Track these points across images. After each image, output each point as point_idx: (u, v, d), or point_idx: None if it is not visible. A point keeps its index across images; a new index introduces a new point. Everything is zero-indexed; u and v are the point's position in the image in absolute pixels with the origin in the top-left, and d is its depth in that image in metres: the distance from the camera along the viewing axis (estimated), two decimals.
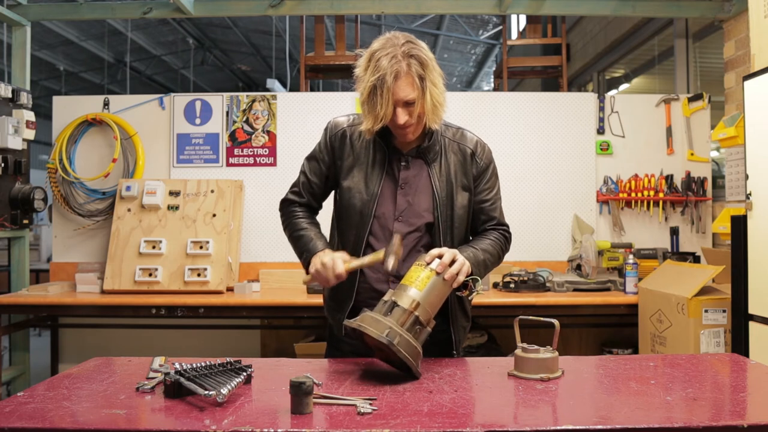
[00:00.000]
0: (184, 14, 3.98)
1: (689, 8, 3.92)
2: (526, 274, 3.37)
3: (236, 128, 3.94)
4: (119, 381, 1.42)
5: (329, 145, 1.77)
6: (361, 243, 1.70)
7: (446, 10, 4.35)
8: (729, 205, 3.26)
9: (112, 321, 3.81)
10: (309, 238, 1.72)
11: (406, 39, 1.59)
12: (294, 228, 1.78)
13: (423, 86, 1.57)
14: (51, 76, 10.84)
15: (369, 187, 1.70)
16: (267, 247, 3.88)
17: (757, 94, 2.38)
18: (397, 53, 1.55)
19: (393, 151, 1.72)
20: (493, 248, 1.72)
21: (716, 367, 1.62)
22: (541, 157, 3.89)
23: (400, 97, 1.56)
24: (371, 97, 1.57)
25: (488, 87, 12.41)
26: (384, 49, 1.56)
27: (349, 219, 1.73)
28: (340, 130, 1.77)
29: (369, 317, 1.41)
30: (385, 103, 1.55)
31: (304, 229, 1.75)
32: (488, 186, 1.78)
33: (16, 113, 3.65)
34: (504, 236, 1.79)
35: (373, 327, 1.37)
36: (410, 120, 1.60)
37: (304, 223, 1.77)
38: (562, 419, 1.16)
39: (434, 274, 1.48)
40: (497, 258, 1.73)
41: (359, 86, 1.60)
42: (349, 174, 1.73)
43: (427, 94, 1.57)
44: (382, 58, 1.54)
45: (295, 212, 1.81)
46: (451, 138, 1.76)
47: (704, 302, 2.61)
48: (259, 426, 1.10)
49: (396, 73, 1.54)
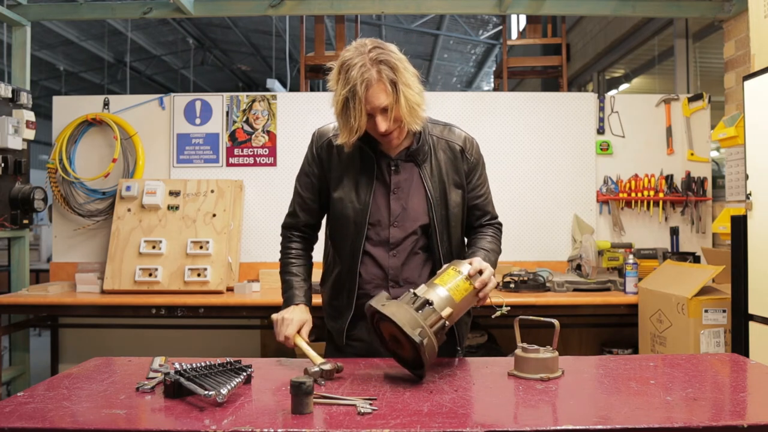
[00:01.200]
0: (184, 14, 3.98)
1: (689, 8, 3.92)
2: (526, 274, 3.36)
3: (236, 128, 3.94)
4: (119, 381, 1.42)
5: (316, 157, 1.75)
6: (357, 253, 1.68)
7: (446, 10, 4.35)
8: (729, 205, 3.25)
9: (112, 321, 3.81)
10: (290, 285, 1.75)
11: (373, 45, 1.55)
12: (283, 269, 1.80)
13: (396, 90, 1.53)
14: (51, 76, 10.84)
15: (360, 196, 1.68)
16: (267, 247, 3.88)
17: (757, 94, 2.38)
18: (365, 61, 1.51)
19: (381, 156, 1.69)
20: (497, 246, 1.77)
21: (716, 367, 1.62)
22: (541, 157, 3.89)
23: (375, 106, 1.53)
24: (344, 110, 1.54)
25: (488, 87, 12.41)
26: (352, 59, 1.52)
27: (344, 230, 1.71)
28: (325, 141, 1.74)
29: (398, 307, 1.38)
30: (358, 114, 1.52)
31: (291, 273, 1.77)
32: (480, 182, 1.78)
33: (16, 113, 3.65)
34: (499, 231, 1.84)
35: (405, 320, 1.34)
36: (390, 126, 1.57)
37: (293, 267, 1.79)
38: (562, 419, 1.16)
39: (472, 288, 1.47)
40: (499, 254, 1.79)
41: (333, 100, 1.57)
42: (339, 184, 1.70)
43: (401, 98, 1.53)
44: (351, 68, 1.51)
45: (289, 249, 1.81)
46: (439, 135, 1.74)
47: (704, 302, 2.61)
48: (259, 426, 1.10)
49: (367, 82, 1.50)
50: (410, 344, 1.35)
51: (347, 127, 1.55)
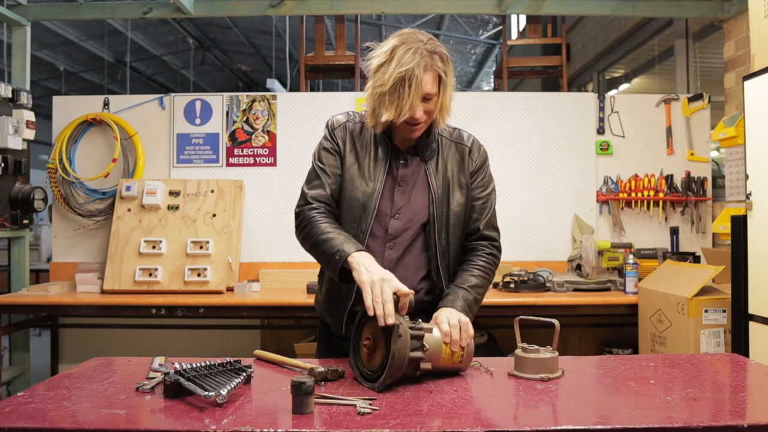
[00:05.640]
0: (184, 14, 3.98)
1: (689, 8, 3.92)
2: (526, 274, 3.36)
3: (236, 128, 3.94)
4: (119, 381, 1.42)
5: (334, 137, 1.75)
6: (363, 237, 1.68)
7: (446, 10, 4.35)
8: (729, 205, 3.25)
9: (112, 321, 3.81)
10: (336, 239, 1.57)
11: (427, 36, 1.61)
12: (318, 233, 1.61)
13: (441, 83, 1.59)
14: (51, 76, 10.84)
15: (372, 181, 1.69)
16: (267, 247, 3.89)
17: (757, 94, 2.38)
18: (423, 48, 1.56)
19: (392, 148, 1.72)
20: (485, 280, 1.70)
21: (716, 367, 1.62)
22: (541, 157, 3.89)
23: (425, 91, 1.56)
24: (395, 89, 1.54)
25: (488, 87, 12.41)
26: (408, 43, 1.56)
27: (351, 211, 1.70)
28: (341, 125, 1.76)
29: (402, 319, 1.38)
30: (413, 95, 1.54)
31: (331, 231, 1.60)
32: (481, 184, 1.77)
33: (16, 113, 3.65)
34: (494, 258, 1.75)
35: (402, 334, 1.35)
36: (424, 116, 1.61)
37: (330, 226, 1.63)
38: (562, 419, 1.16)
39: (448, 348, 1.46)
40: (486, 290, 1.71)
41: (378, 78, 1.56)
42: (352, 167, 1.71)
43: (446, 92, 1.60)
44: (409, 51, 1.54)
45: (316, 218, 1.65)
46: (448, 137, 1.77)
47: (704, 302, 2.61)
48: (259, 426, 1.10)
49: (425, 66, 1.55)
50: (385, 352, 1.35)
51: (396, 106, 1.55)
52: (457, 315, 1.52)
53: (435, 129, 1.71)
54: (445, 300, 1.61)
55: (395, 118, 1.57)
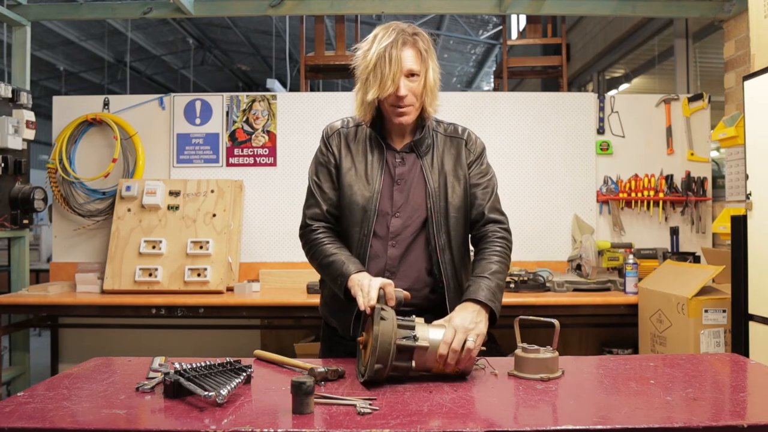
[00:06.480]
0: (184, 14, 3.98)
1: (689, 8, 3.92)
2: (526, 274, 3.36)
3: (236, 128, 3.94)
4: (119, 381, 1.42)
5: (329, 147, 1.76)
6: (366, 240, 1.68)
7: (446, 10, 4.35)
8: (729, 205, 3.25)
9: (112, 321, 3.81)
10: (340, 261, 1.63)
11: (408, 24, 1.67)
12: (323, 256, 1.68)
13: (426, 62, 1.63)
14: (51, 76, 10.84)
15: (370, 184, 1.70)
16: (267, 247, 3.89)
17: (757, 94, 2.38)
18: (401, 29, 1.62)
19: (388, 148, 1.74)
20: (503, 266, 1.68)
21: (716, 367, 1.62)
22: (541, 157, 3.89)
23: (406, 67, 1.60)
24: (377, 67, 1.59)
25: (488, 87, 12.40)
26: (388, 28, 1.63)
27: (352, 215, 1.71)
28: (335, 132, 1.78)
29: (391, 319, 1.39)
30: (394, 68, 1.58)
31: (335, 254, 1.66)
32: (481, 171, 1.77)
33: (16, 113, 3.65)
34: (507, 241, 1.73)
35: (385, 329, 1.35)
36: (410, 97, 1.63)
37: (334, 248, 1.68)
38: (562, 419, 1.16)
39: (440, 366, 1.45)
40: (506, 275, 1.70)
41: (361, 63, 1.63)
42: (349, 172, 1.73)
43: (429, 71, 1.64)
44: (388, 31, 1.61)
45: (319, 239, 1.71)
46: (444, 133, 1.78)
47: (704, 302, 2.61)
48: (259, 426, 1.10)
49: (403, 41, 1.60)
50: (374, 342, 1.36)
51: (380, 83, 1.59)
52: (468, 334, 1.43)
53: (427, 121, 1.72)
54: (468, 292, 1.56)
55: (380, 95, 1.61)
